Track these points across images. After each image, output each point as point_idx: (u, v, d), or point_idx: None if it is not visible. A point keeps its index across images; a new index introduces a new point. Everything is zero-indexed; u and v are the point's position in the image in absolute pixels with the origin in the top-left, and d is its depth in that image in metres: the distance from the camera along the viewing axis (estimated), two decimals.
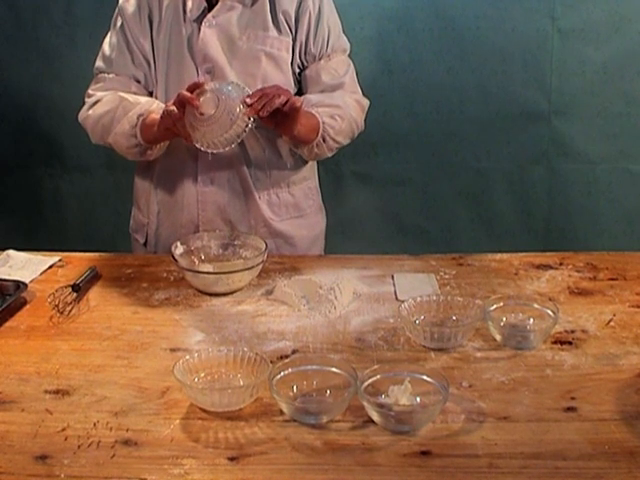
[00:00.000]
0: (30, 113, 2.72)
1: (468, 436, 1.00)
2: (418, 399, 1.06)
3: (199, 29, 1.65)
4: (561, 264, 1.59)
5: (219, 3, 1.65)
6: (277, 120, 1.55)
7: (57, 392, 1.12)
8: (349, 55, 1.79)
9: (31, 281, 1.51)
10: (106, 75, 1.72)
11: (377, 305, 1.41)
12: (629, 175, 2.65)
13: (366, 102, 1.81)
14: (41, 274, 1.57)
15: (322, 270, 1.56)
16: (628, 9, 2.47)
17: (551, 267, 1.58)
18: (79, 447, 0.99)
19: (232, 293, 1.46)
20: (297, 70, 1.73)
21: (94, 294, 1.48)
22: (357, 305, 1.41)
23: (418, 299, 1.32)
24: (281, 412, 1.05)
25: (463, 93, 2.59)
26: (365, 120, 1.80)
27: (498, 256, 1.63)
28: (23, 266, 1.59)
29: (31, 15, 2.61)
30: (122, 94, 1.66)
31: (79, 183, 2.79)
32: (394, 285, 1.49)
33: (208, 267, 1.50)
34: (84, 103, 1.73)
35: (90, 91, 1.74)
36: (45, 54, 2.65)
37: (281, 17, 1.67)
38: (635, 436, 0.99)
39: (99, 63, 1.74)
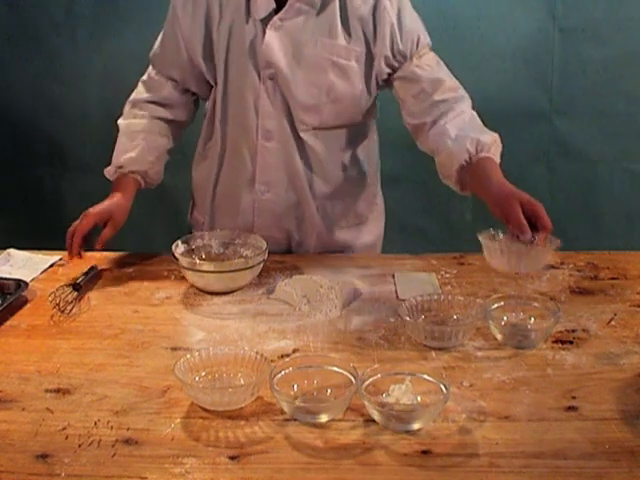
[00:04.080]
0: (31, 112, 2.72)
1: (469, 435, 1.00)
2: (419, 398, 1.06)
3: (264, 31, 1.54)
4: (562, 263, 1.59)
5: (287, 5, 1.53)
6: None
7: (58, 391, 1.12)
8: None
9: (32, 280, 1.51)
10: (152, 70, 1.71)
11: (378, 304, 1.41)
12: (630, 174, 2.65)
13: (462, 88, 1.70)
14: (42, 273, 1.57)
15: (323, 269, 1.55)
16: (629, 8, 2.48)
17: (552, 266, 1.57)
18: (80, 446, 0.99)
19: (233, 292, 1.46)
20: (384, 76, 1.62)
21: (95, 293, 1.48)
22: (358, 304, 1.41)
23: (419, 298, 1.32)
24: (282, 411, 1.05)
25: None
26: None
27: None
28: (24, 265, 1.59)
29: (32, 15, 2.62)
30: (143, 131, 1.67)
31: (80, 182, 2.79)
32: (395, 284, 1.49)
33: (209, 266, 1.49)
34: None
35: (141, 81, 1.72)
36: (46, 54, 2.65)
37: (355, 23, 1.55)
38: (636, 435, 0.99)
39: (151, 53, 1.71)
